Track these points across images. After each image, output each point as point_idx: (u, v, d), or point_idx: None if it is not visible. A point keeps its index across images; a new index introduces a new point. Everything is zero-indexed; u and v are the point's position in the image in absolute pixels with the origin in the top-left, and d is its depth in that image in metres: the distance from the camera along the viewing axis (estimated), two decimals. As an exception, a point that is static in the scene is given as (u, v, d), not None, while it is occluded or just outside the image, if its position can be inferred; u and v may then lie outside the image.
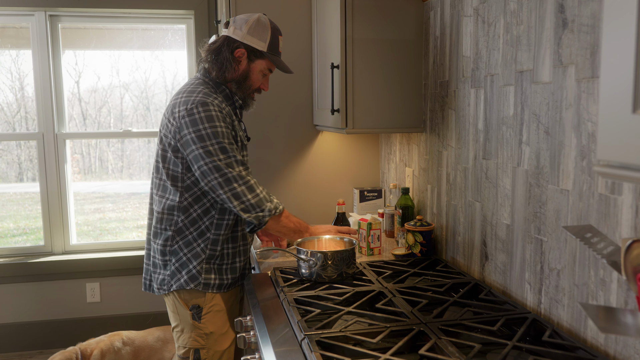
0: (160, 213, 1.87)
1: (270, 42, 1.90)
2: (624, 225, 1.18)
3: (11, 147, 3.66)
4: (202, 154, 1.73)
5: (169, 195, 1.85)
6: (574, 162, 1.34)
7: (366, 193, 2.82)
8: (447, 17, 2.03)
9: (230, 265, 1.91)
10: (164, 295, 1.92)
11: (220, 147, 1.74)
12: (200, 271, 1.85)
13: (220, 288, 1.88)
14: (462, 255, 1.99)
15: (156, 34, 3.66)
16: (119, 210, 4.03)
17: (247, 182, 1.77)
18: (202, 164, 1.74)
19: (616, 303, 1.22)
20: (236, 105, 1.94)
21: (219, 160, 1.74)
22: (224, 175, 1.74)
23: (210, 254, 1.86)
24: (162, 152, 1.85)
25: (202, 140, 1.73)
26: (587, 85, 1.28)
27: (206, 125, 1.74)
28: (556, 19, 1.39)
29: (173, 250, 1.86)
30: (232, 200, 1.75)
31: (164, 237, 1.86)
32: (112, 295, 3.49)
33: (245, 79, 1.91)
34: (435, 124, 2.18)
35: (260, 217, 1.79)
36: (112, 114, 3.89)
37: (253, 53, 1.89)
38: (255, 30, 1.88)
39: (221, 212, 1.86)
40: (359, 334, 1.35)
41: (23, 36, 3.46)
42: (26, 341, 3.42)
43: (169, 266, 1.86)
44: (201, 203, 1.84)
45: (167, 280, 1.87)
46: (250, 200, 1.76)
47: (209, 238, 1.85)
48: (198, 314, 1.86)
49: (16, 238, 3.76)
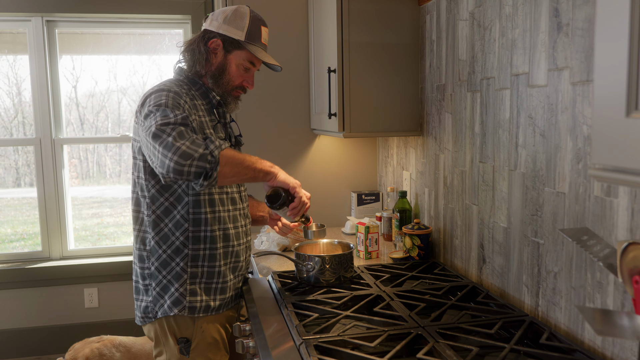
0: (137, 231, 1.70)
1: (248, 31, 1.71)
2: (620, 228, 1.18)
3: (8, 153, 3.66)
4: (145, 127, 1.51)
5: (141, 208, 1.68)
6: (569, 165, 1.35)
7: (364, 197, 2.82)
8: (443, 21, 2.04)
9: (220, 284, 1.71)
10: (146, 325, 1.72)
11: (159, 112, 1.51)
12: (184, 293, 1.65)
13: (207, 311, 1.68)
14: (459, 258, 1.99)
15: (153, 39, 3.67)
16: (116, 215, 4.03)
17: (180, 131, 1.46)
18: (143, 137, 1.50)
19: (613, 305, 1.22)
20: (213, 102, 1.73)
21: (155, 122, 1.48)
22: (154, 137, 1.46)
23: (192, 273, 1.66)
24: (133, 160, 1.71)
25: (147, 116, 1.53)
26: (582, 88, 1.29)
27: (152, 102, 1.55)
28: (551, 23, 1.39)
29: (151, 274, 1.67)
30: (166, 155, 1.42)
31: (140, 257, 1.69)
32: (110, 301, 3.48)
33: (222, 73, 1.72)
34: (432, 127, 2.19)
35: (206, 154, 1.44)
36: (110, 119, 3.89)
37: (230, 43, 1.71)
38: (232, 19, 1.70)
39: (195, 223, 1.65)
40: (357, 338, 1.35)
41: (20, 41, 3.46)
42: (24, 347, 3.41)
43: (150, 291, 1.68)
44: (171, 216, 1.64)
45: (151, 307, 1.68)
46: (185, 144, 1.43)
47: (187, 254, 1.65)
48: (187, 348, 1.67)
49: (14, 244, 3.76)
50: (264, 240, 2.36)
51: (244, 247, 1.82)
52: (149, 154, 1.52)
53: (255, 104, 2.81)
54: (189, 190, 1.65)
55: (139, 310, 1.72)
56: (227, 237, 1.73)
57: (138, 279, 1.71)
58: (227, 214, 1.73)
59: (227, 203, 1.74)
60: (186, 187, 1.66)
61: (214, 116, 1.74)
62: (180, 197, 1.65)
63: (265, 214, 2.08)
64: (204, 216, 1.67)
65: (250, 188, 2.00)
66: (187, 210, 1.65)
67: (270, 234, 2.35)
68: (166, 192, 1.65)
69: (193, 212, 1.66)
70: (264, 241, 2.36)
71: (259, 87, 2.81)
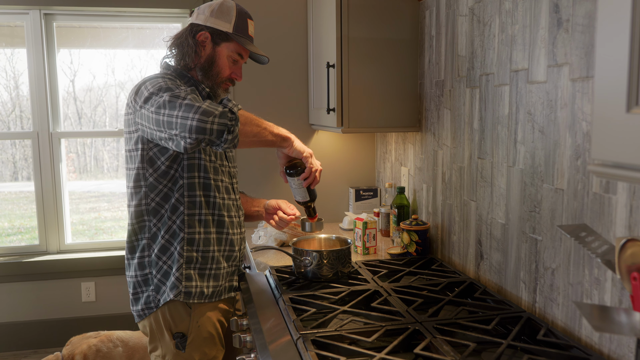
0: (133, 224, 1.70)
1: (236, 24, 1.73)
2: (618, 224, 1.18)
3: (6, 146, 3.65)
4: (149, 106, 1.53)
5: (137, 201, 1.69)
6: (568, 162, 1.35)
7: (362, 192, 2.82)
8: (443, 16, 2.03)
9: (214, 270, 1.73)
10: (142, 319, 1.71)
11: (162, 90, 1.53)
12: (180, 278, 1.66)
13: (201, 297, 1.69)
14: (457, 254, 1.99)
15: (151, 33, 3.65)
16: (114, 209, 4.02)
17: (193, 97, 1.49)
18: (152, 114, 1.52)
19: (610, 302, 1.22)
20: (202, 94, 1.74)
21: (167, 95, 1.50)
22: (170, 105, 1.48)
23: (188, 257, 1.68)
24: (125, 155, 1.71)
25: (148, 99, 1.55)
26: (581, 84, 1.29)
27: (149, 88, 1.57)
28: (551, 19, 1.39)
29: (151, 261, 1.68)
30: (186, 116, 1.43)
31: (140, 247, 1.70)
32: (107, 295, 3.48)
33: (212, 65, 1.74)
34: (430, 123, 2.19)
35: (226, 112, 1.47)
36: (108, 113, 3.87)
37: (218, 36, 1.73)
38: (219, 12, 1.72)
39: (190, 206, 1.67)
40: (355, 333, 1.35)
41: (18, 35, 3.44)
42: (21, 341, 3.41)
43: (151, 280, 1.69)
44: (169, 201, 1.67)
45: (153, 296, 1.68)
46: (204, 103, 1.46)
47: (184, 238, 1.68)
48: (182, 343, 1.68)
49: (11, 237, 3.75)
50: (262, 235, 2.36)
51: (239, 237, 1.82)
52: (160, 129, 1.50)
53: (254, 99, 2.80)
54: (184, 173, 1.67)
55: (140, 303, 1.70)
56: (222, 223, 1.74)
57: (136, 272, 1.70)
58: (222, 201, 1.75)
59: (222, 191, 1.76)
60: (185, 167, 1.67)
61: None
62: (175, 181, 1.68)
63: (261, 208, 2.08)
64: (199, 199, 1.69)
65: (241, 184, 1.99)
66: (182, 194, 1.67)
67: (268, 229, 2.35)
68: (164, 179, 1.67)
69: (188, 195, 1.68)
70: (261, 236, 2.36)
71: (257, 82, 2.80)
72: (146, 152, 1.65)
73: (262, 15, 2.76)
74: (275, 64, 2.81)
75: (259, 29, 2.71)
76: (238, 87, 2.76)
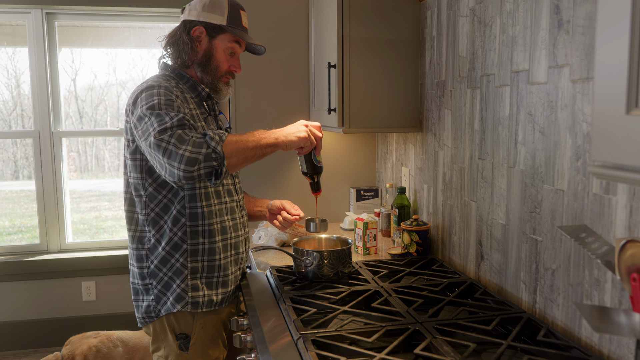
0: (132, 231, 1.69)
1: (229, 15, 1.72)
2: (618, 225, 1.19)
3: (7, 145, 3.65)
4: (140, 133, 1.51)
5: (136, 208, 1.67)
6: (569, 163, 1.35)
7: (362, 192, 2.82)
8: (444, 17, 2.04)
9: (222, 278, 1.71)
10: (146, 325, 1.71)
11: (153, 116, 1.50)
12: (185, 289, 1.65)
13: (210, 305, 1.68)
14: (457, 254, 1.99)
15: (153, 32, 3.66)
16: (115, 208, 4.03)
17: (178, 135, 1.45)
18: (143, 145, 1.51)
19: (610, 303, 1.22)
20: (202, 95, 1.74)
21: (153, 130, 1.47)
22: (156, 148, 1.46)
23: (193, 268, 1.66)
24: (124, 160, 1.69)
25: (140, 120, 1.52)
26: (582, 85, 1.29)
27: (144, 102, 1.54)
28: (552, 20, 1.39)
29: (151, 272, 1.66)
30: (173, 165, 1.42)
31: (136, 257, 1.68)
32: (107, 294, 3.48)
33: (209, 60, 1.72)
34: (431, 123, 2.19)
35: (210, 153, 1.44)
36: (109, 112, 3.88)
37: (212, 29, 1.71)
38: (211, 6, 1.71)
39: (192, 217, 1.65)
40: (355, 333, 1.35)
41: (19, 34, 3.44)
42: (21, 340, 3.42)
43: (151, 290, 1.67)
44: (169, 212, 1.64)
45: (153, 306, 1.67)
46: (187, 149, 1.43)
47: (187, 250, 1.65)
48: (186, 344, 1.67)
49: (11, 236, 3.76)
50: (262, 235, 2.36)
51: (243, 238, 1.81)
52: (153, 162, 1.52)
53: (255, 98, 2.81)
54: (185, 185, 1.64)
55: (140, 311, 1.69)
56: (225, 229, 1.72)
57: (136, 279, 1.69)
58: (225, 206, 1.73)
59: (224, 195, 1.73)
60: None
61: (204, 109, 1.74)
62: (176, 192, 1.65)
63: (264, 208, 2.07)
64: (201, 210, 1.66)
65: (243, 184, 1.99)
66: (183, 205, 1.65)
67: (269, 228, 2.35)
68: (163, 189, 1.64)
69: (189, 207, 1.65)
70: (262, 236, 2.36)
71: (258, 82, 2.80)
72: (145, 163, 1.63)
73: (263, 15, 2.76)
74: (276, 64, 2.81)
75: (260, 29, 2.71)
76: (239, 88, 2.77)
